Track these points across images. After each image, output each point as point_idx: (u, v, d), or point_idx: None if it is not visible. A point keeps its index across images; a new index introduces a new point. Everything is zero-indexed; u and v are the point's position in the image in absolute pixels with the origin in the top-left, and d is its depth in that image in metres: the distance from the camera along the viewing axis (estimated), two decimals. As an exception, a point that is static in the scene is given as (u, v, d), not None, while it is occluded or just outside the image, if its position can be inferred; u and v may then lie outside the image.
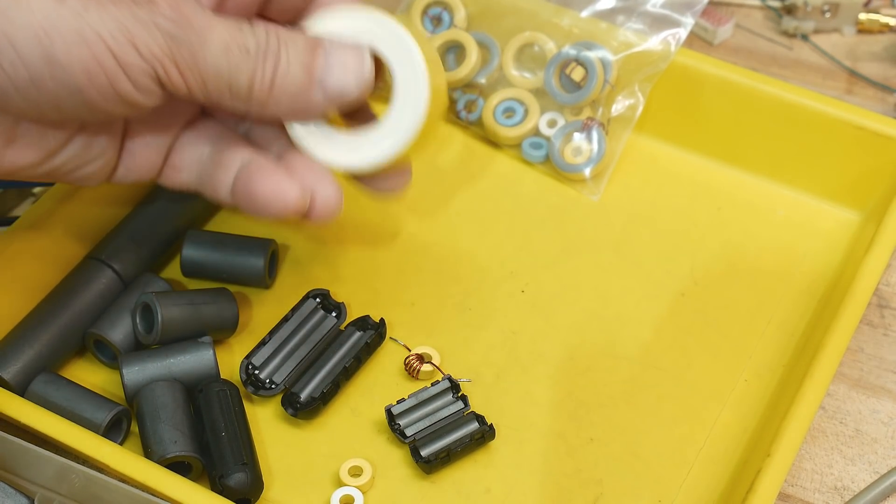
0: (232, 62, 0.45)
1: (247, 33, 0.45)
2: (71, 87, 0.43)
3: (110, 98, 0.44)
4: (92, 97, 0.44)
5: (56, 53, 0.42)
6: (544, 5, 0.62)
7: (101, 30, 0.42)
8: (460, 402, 0.51)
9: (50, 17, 0.42)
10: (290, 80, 0.46)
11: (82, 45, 0.42)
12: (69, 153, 0.48)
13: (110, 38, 0.43)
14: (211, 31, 0.44)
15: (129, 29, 0.43)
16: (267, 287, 0.56)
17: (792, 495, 0.50)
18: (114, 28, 0.43)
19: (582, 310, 0.56)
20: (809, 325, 0.54)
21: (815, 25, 0.70)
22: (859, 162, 0.58)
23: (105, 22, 0.43)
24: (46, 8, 0.42)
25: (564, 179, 0.61)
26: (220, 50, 0.45)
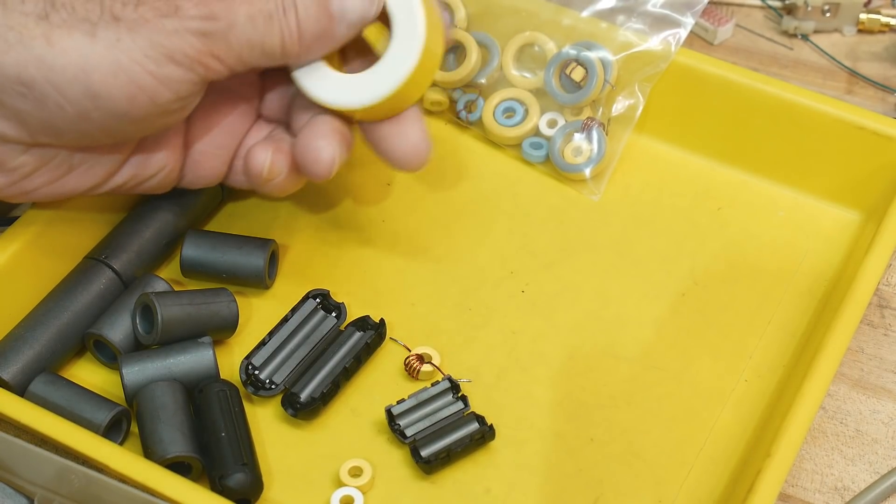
0: (259, 30, 0.47)
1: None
2: (116, 114, 0.45)
3: (154, 112, 0.46)
4: (137, 116, 0.46)
5: (95, 87, 0.44)
6: (544, 5, 0.62)
7: (135, 54, 0.44)
8: (460, 403, 0.51)
9: (85, 55, 0.44)
10: (312, 25, 0.48)
11: (120, 75, 0.44)
12: (128, 173, 0.51)
13: (145, 60, 0.45)
14: (234, 11, 0.46)
15: (162, 44, 0.45)
16: (267, 287, 0.56)
17: (792, 496, 0.50)
18: (147, 48, 0.44)
19: (582, 310, 0.56)
20: (810, 325, 0.54)
21: (816, 25, 0.70)
22: (859, 162, 0.58)
23: (139, 46, 0.44)
24: (80, 46, 0.44)
25: (564, 179, 0.61)
26: (248, 24, 0.46)
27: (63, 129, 0.46)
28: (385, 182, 0.61)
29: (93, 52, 0.44)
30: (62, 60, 0.44)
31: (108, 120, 0.45)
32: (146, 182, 0.52)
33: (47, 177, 0.48)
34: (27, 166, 0.47)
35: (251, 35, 0.47)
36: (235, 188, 0.56)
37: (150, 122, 0.47)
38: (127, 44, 0.44)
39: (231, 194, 0.60)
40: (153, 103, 0.46)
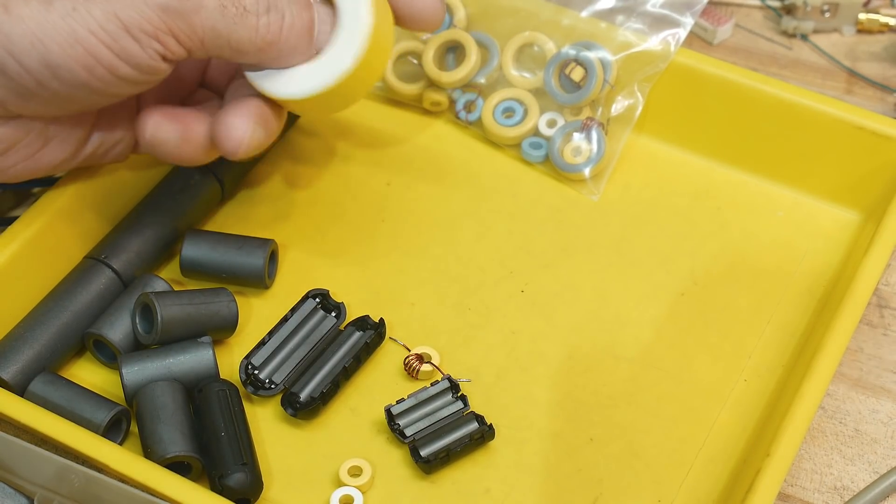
0: (229, 20, 0.46)
1: None
2: (75, 84, 0.45)
3: (115, 83, 0.46)
4: (98, 86, 0.46)
5: (53, 57, 0.44)
6: (544, 5, 0.62)
7: (91, 25, 0.44)
8: (460, 402, 0.51)
9: (41, 24, 0.44)
10: (294, 35, 0.48)
11: (75, 45, 0.44)
12: (95, 142, 0.51)
13: (101, 32, 0.44)
14: None
15: (118, 16, 0.44)
16: (267, 287, 0.56)
17: (791, 495, 0.50)
18: (103, 20, 0.44)
19: (582, 310, 0.56)
20: (809, 325, 0.54)
21: (815, 25, 0.70)
22: (859, 162, 0.58)
23: (94, 16, 0.44)
24: (37, 15, 0.44)
25: (564, 179, 0.61)
26: (216, 10, 0.46)
27: (27, 95, 0.45)
28: (385, 182, 0.61)
29: (48, 21, 0.44)
30: (18, 28, 0.44)
31: (69, 89, 0.45)
32: (111, 150, 0.52)
33: (25, 151, 0.48)
34: (4, 141, 0.47)
35: (217, 22, 0.46)
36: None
37: (111, 91, 0.46)
38: (82, 14, 0.44)
39: (231, 194, 0.60)
40: (113, 75, 0.45)
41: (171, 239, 0.57)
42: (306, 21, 0.48)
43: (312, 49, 0.49)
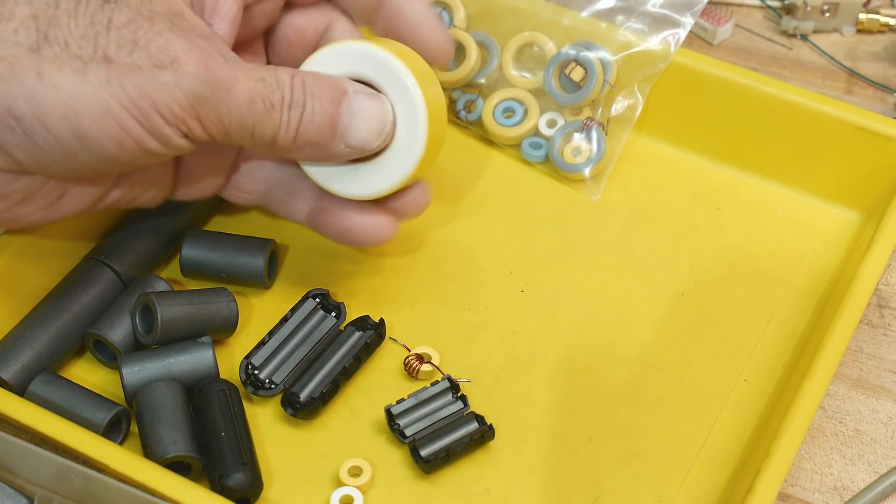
0: (256, 115, 0.46)
1: (272, 85, 0.46)
2: (103, 156, 0.44)
3: (143, 157, 0.45)
4: (125, 159, 0.45)
5: (84, 129, 0.43)
6: (544, 5, 0.62)
7: (124, 100, 0.43)
8: (460, 402, 0.51)
9: (74, 94, 0.43)
10: (314, 132, 0.47)
11: (108, 118, 0.43)
12: (119, 193, 0.50)
13: (132, 108, 0.43)
14: (236, 85, 0.45)
15: (150, 95, 0.43)
16: (267, 287, 0.56)
17: (791, 495, 0.50)
18: (136, 96, 0.43)
19: (582, 310, 0.56)
20: (809, 325, 0.54)
21: (815, 25, 0.70)
22: (859, 162, 0.58)
23: (127, 91, 0.43)
24: (70, 85, 0.43)
25: (564, 179, 0.61)
26: (245, 103, 0.45)
27: (51, 165, 0.45)
28: (385, 182, 0.61)
29: (81, 93, 0.43)
30: (52, 97, 0.43)
31: (95, 160, 0.44)
32: (139, 198, 0.51)
33: (41, 202, 0.47)
34: (20, 193, 0.46)
35: (244, 116, 0.45)
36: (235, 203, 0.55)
37: (140, 164, 0.46)
38: (116, 87, 0.43)
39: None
40: (141, 149, 0.45)
41: (171, 239, 0.57)
42: (330, 115, 0.48)
43: (339, 143, 0.48)
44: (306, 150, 0.48)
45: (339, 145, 0.48)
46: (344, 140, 0.48)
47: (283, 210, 0.54)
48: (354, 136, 0.48)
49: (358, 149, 0.48)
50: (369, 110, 0.48)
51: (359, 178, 0.50)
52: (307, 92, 0.47)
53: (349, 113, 0.48)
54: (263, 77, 0.46)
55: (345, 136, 0.48)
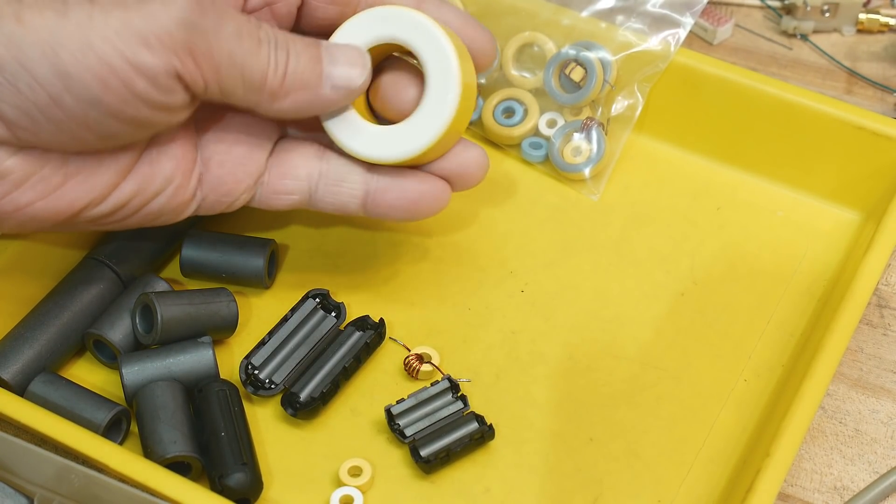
0: (245, 49, 0.45)
1: (255, 24, 0.46)
2: (89, 98, 0.43)
3: (131, 102, 0.43)
4: (113, 105, 0.43)
5: (66, 66, 0.42)
6: (544, 5, 0.62)
7: (108, 34, 0.42)
8: (460, 402, 0.51)
9: (54, 33, 0.42)
10: (301, 72, 0.47)
11: (89, 54, 0.42)
12: (130, 187, 0.48)
13: (118, 41, 0.42)
14: (224, 17, 0.45)
15: (137, 28, 0.42)
16: (266, 287, 0.56)
17: (791, 495, 0.50)
18: (121, 30, 0.42)
19: (582, 310, 0.56)
20: (809, 324, 0.54)
21: (815, 25, 0.70)
22: (859, 162, 0.58)
23: (111, 26, 0.42)
24: (50, 25, 0.42)
25: (564, 179, 0.61)
26: (234, 36, 0.45)
27: (38, 116, 0.43)
28: (385, 182, 0.61)
29: (61, 29, 0.42)
30: (31, 38, 0.42)
31: (85, 108, 0.43)
32: (153, 200, 0.48)
33: (41, 188, 0.45)
34: (16, 172, 0.45)
35: (234, 49, 0.45)
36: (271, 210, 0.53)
37: (126, 114, 0.44)
38: (98, 22, 0.42)
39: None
40: (128, 91, 0.43)
41: (171, 239, 0.57)
42: (313, 56, 0.48)
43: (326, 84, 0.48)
44: (295, 94, 0.47)
45: (327, 86, 0.48)
46: (330, 80, 0.48)
47: (334, 202, 0.52)
48: (339, 75, 0.48)
49: (343, 88, 0.48)
50: (346, 51, 0.49)
51: (396, 140, 0.50)
52: (287, 37, 0.47)
53: (329, 56, 0.48)
54: (248, 18, 0.46)
55: (330, 76, 0.48)
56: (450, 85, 0.49)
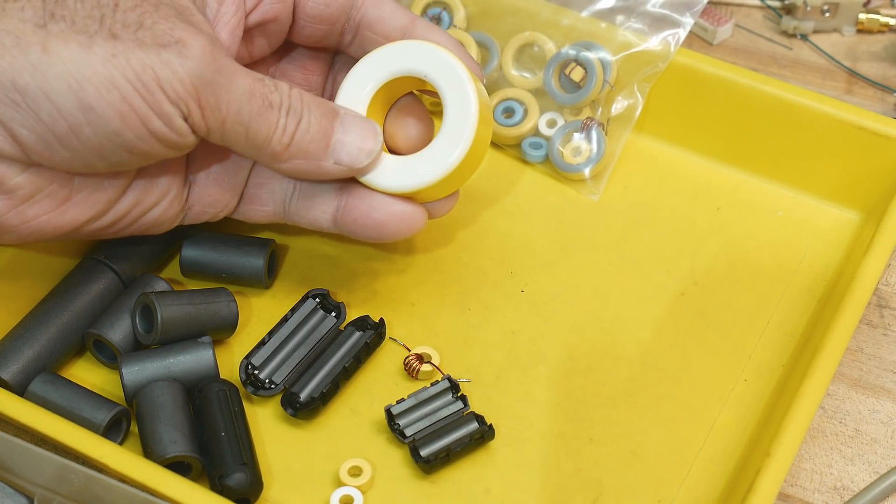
0: (253, 110, 0.46)
1: (271, 87, 0.47)
2: (108, 132, 0.44)
3: (146, 139, 0.45)
4: (129, 139, 0.45)
5: (89, 100, 0.43)
6: (544, 5, 0.62)
7: (129, 74, 0.43)
8: (460, 402, 0.51)
9: (79, 67, 0.43)
10: (308, 141, 0.48)
11: (113, 91, 0.43)
12: (129, 201, 0.49)
13: (137, 82, 0.44)
14: (237, 76, 0.46)
15: (154, 71, 0.44)
16: (266, 287, 0.56)
17: (791, 495, 0.50)
18: (140, 70, 0.44)
19: (582, 310, 0.56)
20: (809, 324, 0.54)
21: (815, 25, 0.70)
22: (859, 162, 0.58)
23: (132, 66, 0.43)
24: (75, 58, 0.43)
25: (564, 179, 0.61)
26: (244, 95, 0.46)
27: (55, 144, 0.44)
28: (385, 182, 0.61)
29: (87, 65, 0.43)
30: (57, 69, 0.43)
31: (100, 138, 0.44)
32: (149, 211, 0.50)
33: (47, 204, 0.47)
34: (25, 188, 0.46)
35: (242, 108, 0.46)
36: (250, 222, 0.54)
37: (140, 148, 0.45)
38: (121, 61, 0.43)
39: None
40: (145, 128, 0.44)
41: (171, 239, 0.57)
42: (325, 128, 0.48)
43: (330, 158, 0.49)
44: (296, 161, 0.48)
45: (329, 161, 0.49)
46: (335, 156, 0.49)
47: (306, 217, 0.53)
48: (346, 153, 0.49)
49: (346, 166, 0.49)
50: (361, 129, 0.49)
51: (401, 171, 0.50)
52: (304, 103, 0.48)
53: (342, 130, 0.49)
54: (263, 78, 0.47)
55: (336, 151, 0.49)
56: (468, 115, 0.50)
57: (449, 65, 0.50)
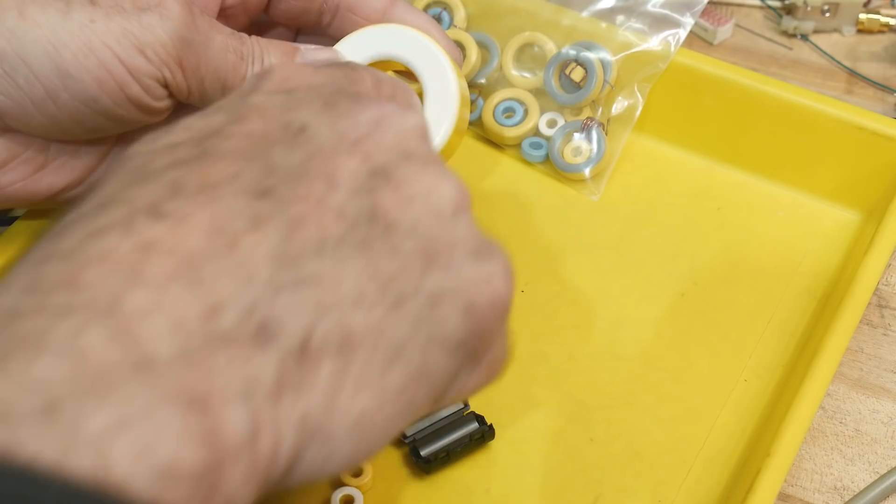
0: (228, 64, 0.47)
1: (238, 39, 0.48)
2: (85, 97, 0.44)
3: (123, 104, 0.45)
4: (106, 105, 0.45)
5: (67, 65, 0.43)
6: (544, 5, 0.62)
7: (108, 39, 0.43)
8: (460, 402, 0.51)
9: (57, 32, 0.43)
10: None
11: (90, 56, 0.43)
12: (108, 167, 0.49)
13: (117, 46, 0.44)
14: (212, 33, 0.46)
15: (135, 35, 0.44)
16: (267, 287, 0.56)
17: (792, 495, 0.50)
18: (120, 36, 0.44)
19: (582, 310, 0.56)
20: (809, 325, 0.54)
21: (815, 25, 0.70)
22: (859, 162, 0.58)
23: (111, 31, 0.44)
24: (53, 23, 0.43)
25: (564, 179, 0.61)
26: (220, 51, 0.46)
27: (31, 110, 0.44)
28: (385, 182, 0.61)
29: (65, 30, 0.43)
30: (33, 34, 0.43)
31: (79, 106, 0.44)
32: None
33: (21, 171, 0.47)
34: (2, 153, 0.46)
35: (219, 64, 0.46)
36: None
37: (117, 114, 0.45)
38: (100, 26, 0.43)
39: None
40: (123, 93, 0.45)
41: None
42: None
43: None
44: None
45: None
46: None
47: None
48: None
49: None
50: (320, 52, 0.49)
51: None
52: (262, 46, 0.48)
53: (301, 58, 0.49)
54: (231, 32, 0.47)
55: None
56: (449, 99, 0.50)
57: (429, 51, 0.50)
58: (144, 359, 0.27)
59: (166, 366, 0.27)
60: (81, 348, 0.27)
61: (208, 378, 0.28)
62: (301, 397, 0.30)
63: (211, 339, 0.29)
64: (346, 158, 0.34)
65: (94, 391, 0.26)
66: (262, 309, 0.30)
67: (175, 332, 0.28)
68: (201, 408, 0.28)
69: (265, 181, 0.32)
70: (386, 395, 0.32)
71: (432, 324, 0.33)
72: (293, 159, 0.33)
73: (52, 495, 0.25)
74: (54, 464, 0.25)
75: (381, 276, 0.32)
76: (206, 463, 0.27)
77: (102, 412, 0.26)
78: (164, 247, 0.29)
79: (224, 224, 0.30)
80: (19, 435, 0.25)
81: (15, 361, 0.26)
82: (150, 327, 0.28)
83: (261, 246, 0.31)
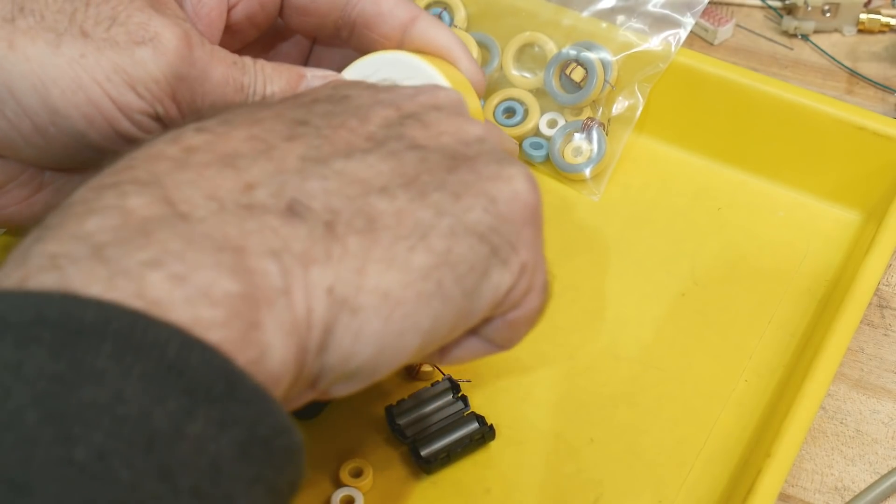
0: (227, 95, 0.45)
1: (241, 69, 0.46)
2: (73, 133, 0.43)
3: (112, 139, 0.44)
4: (95, 141, 0.43)
5: (54, 102, 0.42)
6: (544, 5, 0.62)
7: (98, 75, 0.42)
8: (460, 403, 0.51)
9: (46, 67, 0.42)
10: None
11: (79, 92, 0.42)
12: None
13: (107, 83, 0.42)
14: (212, 65, 0.45)
15: (126, 72, 0.42)
16: (267, 287, 0.56)
17: (792, 496, 0.50)
18: (111, 72, 0.42)
19: (582, 310, 0.56)
20: (809, 325, 0.54)
21: (816, 25, 0.70)
22: (859, 162, 0.58)
23: (102, 67, 0.42)
24: (42, 56, 0.42)
25: (564, 179, 0.61)
26: (219, 84, 0.45)
27: (20, 142, 0.43)
28: (385, 182, 0.61)
29: (54, 65, 0.41)
30: (22, 67, 0.41)
31: (65, 138, 0.43)
32: None
33: (17, 194, 0.46)
34: None
35: (217, 97, 0.45)
36: None
37: (107, 148, 0.44)
38: (90, 61, 0.42)
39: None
40: (112, 129, 0.43)
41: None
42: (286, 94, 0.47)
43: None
44: None
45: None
46: None
47: None
48: None
49: None
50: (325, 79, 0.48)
51: None
52: (266, 76, 0.47)
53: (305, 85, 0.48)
54: (234, 60, 0.46)
55: None
56: None
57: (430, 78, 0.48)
58: (181, 215, 0.31)
59: (201, 222, 0.31)
60: (125, 207, 0.31)
61: (241, 235, 0.32)
62: (328, 270, 0.33)
63: (243, 207, 0.32)
64: (381, 108, 0.38)
65: (134, 239, 0.30)
66: (290, 190, 0.33)
67: (210, 199, 0.32)
68: (235, 253, 0.31)
69: (305, 117, 0.36)
70: (411, 274, 0.34)
71: (456, 213, 0.35)
72: (333, 109, 0.37)
73: (93, 312, 0.29)
74: (97, 293, 0.29)
75: (406, 175, 0.36)
76: (241, 292, 0.31)
77: (142, 252, 0.30)
78: (205, 148, 0.34)
79: (262, 135, 0.35)
80: (68, 274, 0.29)
81: (67, 224, 0.31)
82: (188, 194, 0.32)
83: (294, 151, 0.35)
